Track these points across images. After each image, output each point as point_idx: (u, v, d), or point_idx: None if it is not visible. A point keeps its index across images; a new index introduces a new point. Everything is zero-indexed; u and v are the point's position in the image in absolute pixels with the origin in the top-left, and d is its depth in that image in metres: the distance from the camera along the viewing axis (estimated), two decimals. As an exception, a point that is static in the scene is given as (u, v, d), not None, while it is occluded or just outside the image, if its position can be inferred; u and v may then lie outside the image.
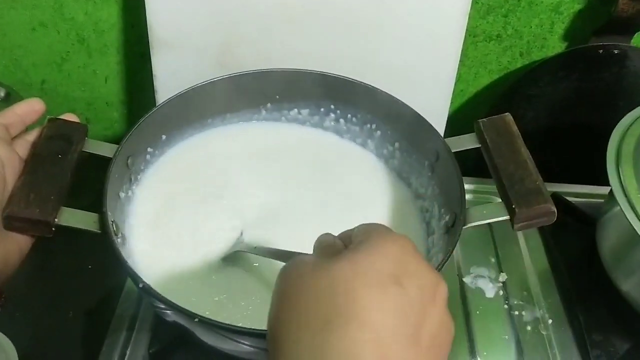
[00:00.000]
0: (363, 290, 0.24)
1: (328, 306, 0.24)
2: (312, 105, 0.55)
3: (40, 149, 0.42)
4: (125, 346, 0.49)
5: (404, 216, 0.50)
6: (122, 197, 0.46)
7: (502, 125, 0.46)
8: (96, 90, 0.70)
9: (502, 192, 0.43)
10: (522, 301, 0.53)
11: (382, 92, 0.51)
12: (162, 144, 0.51)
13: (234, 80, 0.52)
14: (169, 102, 0.49)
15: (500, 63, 0.65)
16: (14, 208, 0.38)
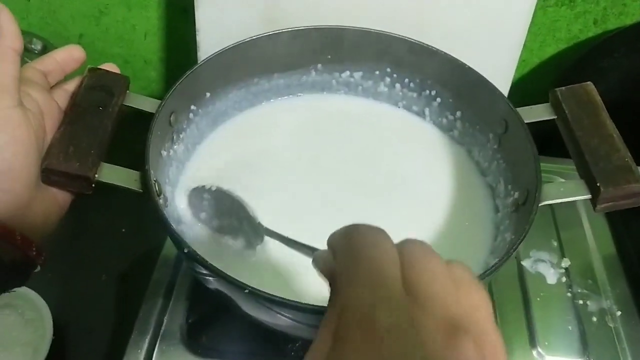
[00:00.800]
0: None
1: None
2: (366, 67, 0.51)
3: (80, 100, 0.39)
4: (162, 313, 0.46)
5: (469, 193, 0.46)
6: (164, 155, 0.43)
7: (583, 95, 0.42)
8: (134, 47, 0.67)
9: (583, 169, 0.39)
10: (586, 290, 0.48)
11: (445, 54, 0.47)
12: (206, 102, 0.48)
13: (282, 37, 0.48)
14: (213, 58, 0.46)
15: (571, 31, 0.59)
16: (52, 161, 0.35)
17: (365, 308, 0.20)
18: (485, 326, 0.21)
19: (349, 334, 0.19)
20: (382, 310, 0.19)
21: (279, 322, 0.36)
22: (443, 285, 0.21)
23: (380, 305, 0.20)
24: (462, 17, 0.52)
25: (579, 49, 0.60)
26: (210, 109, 0.48)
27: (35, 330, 0.49)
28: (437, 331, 0.20)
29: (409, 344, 0.19)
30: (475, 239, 0.43)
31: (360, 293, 0.20)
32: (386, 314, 0.19)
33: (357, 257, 0.21)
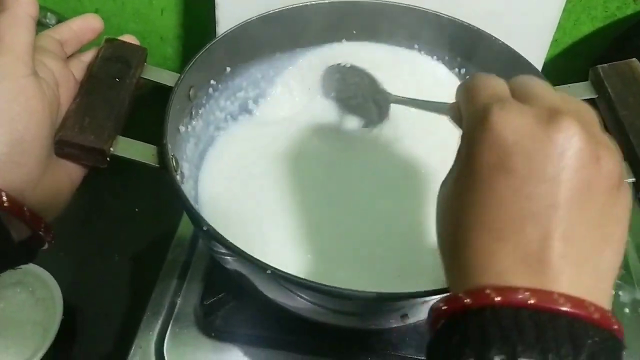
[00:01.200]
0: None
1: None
2: (392, 43, 0.49)
3: (97, 71, 0.38)
4: (175, 295, 0.45)
5: None
6: (182, 131, 0.41)
7: (628, 72, 0.39)
8: (151, 23, 0.65)
9: (627, 150, 0.36)
10: (619, 280, 0.46)
11: (478, 29, 0.45)
12: (226, 77, 0.46)
13: (305, 10, 0.46)
14: (233, 30, 0.44)
15: (607, 9, 0.56)
16: (67, 132, 0.34)
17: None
18: (592, 121, 0.24)
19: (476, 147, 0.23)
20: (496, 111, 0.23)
21: (300, 305, 0.34)
22: (550, 91, 0.25)
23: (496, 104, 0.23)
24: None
25: (616, 27, 0.57)
26: (230, 84, 0.47)
27: (45, 309, 0.48)
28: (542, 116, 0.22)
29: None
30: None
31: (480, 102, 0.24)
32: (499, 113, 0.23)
33: (473, 89, 0.26)
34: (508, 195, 0.22)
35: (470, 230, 0.22)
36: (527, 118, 0.22)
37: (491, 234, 0.22)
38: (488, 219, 0.22)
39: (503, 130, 0.22)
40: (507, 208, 0.22)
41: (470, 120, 0.24)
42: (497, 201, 0.22)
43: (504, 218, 0.22)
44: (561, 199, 0.21)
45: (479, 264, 0.22)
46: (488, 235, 0.22)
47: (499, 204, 0.22)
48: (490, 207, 0.22)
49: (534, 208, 0.21)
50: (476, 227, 0.22)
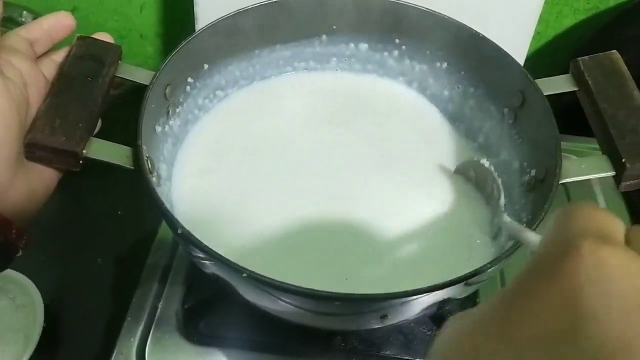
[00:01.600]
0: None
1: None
2: (373, 39, 0.48)
3: (68, 70, 0.37)
4: (157, 299, 0.44)
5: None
6: (158, 131, 0.40)
7: (608, 65, 0.39)
8: (130, 21, 0.64)
9: (607, 143, 0.36)
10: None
11: (457, 21, 0.44)
12: (203, 75, 0.45)
13: (284, 5, 0.45)
14: (211, 27, 0.43)
15: (590, 1, 0.56)
16: (37, 134, 0.33)
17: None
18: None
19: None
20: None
21: (280, 307, 0.34)
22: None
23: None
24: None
25: (598, 19, 0.57)
26: (208, 82, 0.46)
27: (26, 316, 0.47)
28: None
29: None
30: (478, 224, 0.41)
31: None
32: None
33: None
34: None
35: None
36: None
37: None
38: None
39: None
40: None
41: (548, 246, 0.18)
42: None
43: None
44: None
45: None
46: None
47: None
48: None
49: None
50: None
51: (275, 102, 0.48)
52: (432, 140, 0.47)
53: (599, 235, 0.17)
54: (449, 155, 0.46)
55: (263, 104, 0.48)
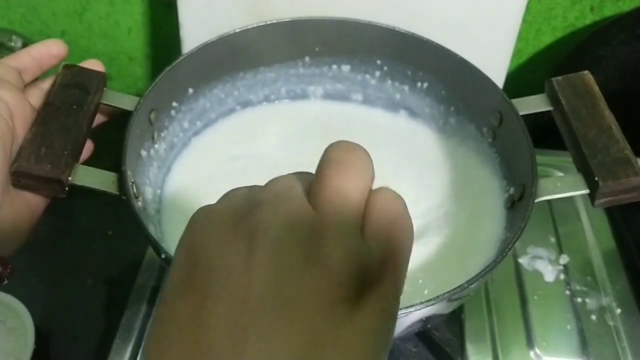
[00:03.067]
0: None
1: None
2: (355, 60, 0.49)
3: (54, 98, 0.37)
4: (145, 320, 0.45)
5: (474, 188, 0.44)
6: (143, 156, 0.41)
7: (580, 85, 0.40)
8: (119, 44, 0.65)
9: (580, 162, 0.37)
10: (585, 287, 0.47)
11: (436, 44, 0.45)
12: (188, 99, 0.46)
13: (268, 29, 0.46)
14: (195, 52, 0.44)
15: (567, 19, 0.57)
16: (22, 163, 0.34)
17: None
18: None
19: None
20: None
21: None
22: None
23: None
24: (455, 8, 0.51)
25: (575, 37, 0.58)
26: (193, 106, 0.47)
27: (17, 339, 0.47)
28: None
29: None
30: (485, 236, 0.41)
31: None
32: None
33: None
34: (183, 324, 0.17)
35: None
36: (224, 213, 0.19)
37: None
38: (163, 358, 0.17)
39: (194, 231, 0.19)
40: (181, 342, 0.17)
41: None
42: (172, 332, 0.17)
43: (176, 357, 0.17)
44: (247, 324, 0.16)
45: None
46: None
47: (173, 336, 0.17)
48: (165, 341, 0.17)
49: (209, 340, 0.16)
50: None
51: (259, 129, 0.49)
52: (420, 154, 0.48)
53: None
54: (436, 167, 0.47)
55: (247, 130, 0.49)
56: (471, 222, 0.42)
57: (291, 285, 0.17)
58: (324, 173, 0.19)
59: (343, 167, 0.19)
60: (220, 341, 0.16)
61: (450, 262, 0.40)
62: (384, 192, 0.20)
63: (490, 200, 0.43)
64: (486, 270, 0.33)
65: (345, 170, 0.19)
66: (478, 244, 0.41)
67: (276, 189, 0.19)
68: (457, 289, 0.32)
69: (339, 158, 0.20)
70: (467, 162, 0.46)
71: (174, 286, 0.18)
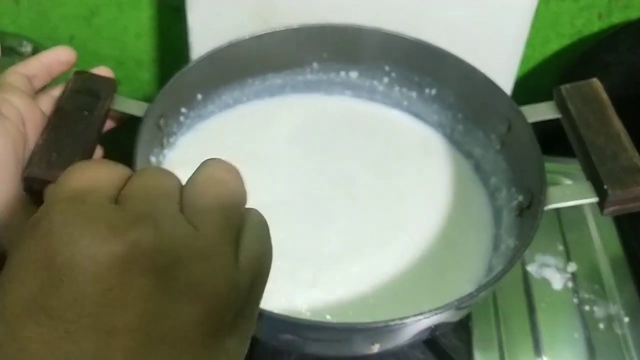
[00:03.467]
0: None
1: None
2: (363, 66, 0.50)
3: (64, 104, 0.38)
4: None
5: (467, 200, 0.44)
6: (153, 161, 0.41)
7: (589, 92, 0.40)
8: (127, 48, 0.65)
9: (589, 170, 0.37)
10: (593, 295, 0.47)
11: (445, 51, 0.45)
12: (197, 105, 0.46)
13: (276, 35, 0.47)
14: (204, 58, 0.44)
15: (574, 26, 0.58)
16: (34, 169, 0.34)
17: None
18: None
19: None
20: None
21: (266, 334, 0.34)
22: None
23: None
24: (463, 14, 0.51)
25: (583, 44, 0.58)
26: (202, 112, 0.47)
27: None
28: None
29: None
30: (474, 247, 0.41)
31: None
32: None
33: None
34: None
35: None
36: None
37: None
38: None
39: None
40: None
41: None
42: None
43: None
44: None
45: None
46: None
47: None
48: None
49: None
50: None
51: (266, 125, 0.49)
52: (427, 158, 0.48)
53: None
54: (444, 172, 0.47)
55: (253, 126, 0.49)
56: (467, 233, 0.43)
57: (174, 319, 0.16)
58: (208, 191, 0.19)
59: (226, 188, 0.19)
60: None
61: (439, 268, 0.40)
62: (251, 217, 0.20)
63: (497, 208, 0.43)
64: (495, 278, 0.33)
65: (228, 193, 0.19)
66: (472, 251, 0.41)
67: (152, 198, 0.18)
68: (466, 297, 0.32)
69: (221, 177, 0.19)
70: (469, 174, 0.47)
71: (23, 302, 0.15)
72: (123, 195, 0.18)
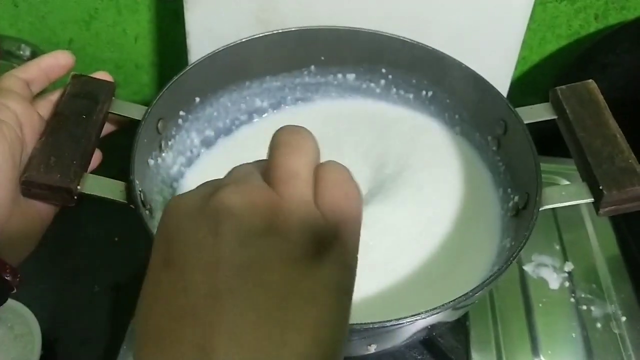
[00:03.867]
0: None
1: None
2: (360, 69, 0.50)
3: (63, 108, 0.38)
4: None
5: (477, 195, 0.44)
6: (151, 164, 0.41)
7: (585, 94, 0.40)
8: (125, 51, 0.66)
9: (585, 171, 0.37)
10: (590, 294, 0.47)
11: (440, 52, 0.46)
12: (195, 108, 0.46)
13: (274, 39, 0.47)
14: (202, 61, 0.45)
15: (571, 27, 0.58)
16: (32, 173, 0.34)
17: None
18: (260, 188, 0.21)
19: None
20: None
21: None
22: (242, 168, 0.23)
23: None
24: (460, 16, 0.51)
25: (580, 45, 0.58)
26: (200, 115, 0.47)
27: (24, 345, 0.48)
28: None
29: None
30: (483, 242, 0.41)
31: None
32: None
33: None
34: (167, 293, 0.19)
35: (140, 338, 0.19)
36: (193, 199, 0.20)
37: (153, 343, 0.18)
38: (151, 324, 0.19)
39: (169, 217, 0.20)
40: (167, 308, 0.18)
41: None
42: (158, 302, 0.19)
43: (163, 321, 0.18)
44: (221, 285, 0.18)
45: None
46: (151, 346, 0.19)
47: (159, 304, 0.19)
48: (152, 309, 0.19)
49: (191, 302, 0.18)
50: (143, 335, 0.19)
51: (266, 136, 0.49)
52: (435, 153, 0.48)
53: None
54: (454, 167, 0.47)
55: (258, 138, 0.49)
56: (468, 229, 0.42)
57: (254, 250, 0.19)
58: (274, 155, 0.22)
59: (290, 148, 0.22)
60: (201, 303, 0.18)
61: (444, 267, 0.40)
62: (329, 165, 0.22)
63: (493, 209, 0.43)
64: (491, 278, 0.34)
65: (292, 151, 0.21)
66: (472, 252, 0.41)
67: (236, 175, 0.22)
68: (461, 297, 0.32)
69: (286, 140, 0.22)
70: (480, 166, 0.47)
71: (156, 263, 0.20)
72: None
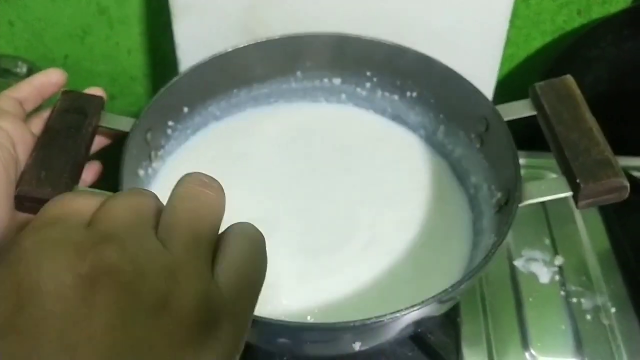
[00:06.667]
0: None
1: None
2: (346, 73, 0.51)
3: (53, 123, 0.39)
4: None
5: (446, 202, 0.46)
6: (141, 175, 0.43)
7: (562, 89, 0.41)
8: (119, 64, 0.67)
9: (563, 164, 0.38)
10: (580, 287, 0.47)
11: (424, 55, 0.46)
12: (184, 118, 0.47)
13: (260, 47, 0.48)
14: (189, 72, 0.46)
15: (555, 23, 0.58)
16: (24, 187, 0.35)
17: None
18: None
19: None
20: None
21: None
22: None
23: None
24: (442, 16, 0.52)
25: (565, 40, 0.59)
26: (189, 124, 0.48)
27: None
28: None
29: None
30: (453, 248, 0.42)
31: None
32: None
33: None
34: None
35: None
36: (66, 240, 0.18)
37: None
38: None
39: (25, 251, 0.18)
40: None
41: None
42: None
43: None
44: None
45: None
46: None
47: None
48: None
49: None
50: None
51: (252, 135, 0.50)
52: (408, 162, 0.49)
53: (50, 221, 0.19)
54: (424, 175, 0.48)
55: (239, 135, 0.50)
56: (446, 234, 0.44)
57: (138, 331, 0.16)
58: (177, 208, 0.19)
59: (196, 203, 0.19)
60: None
61: (424, 264, 0.41)
62: (236, 230, 0.20)
63: (479, 206, 0.44)
64: (472, 272, 0.34)
65: (199, 207, 0.19)
66: (451, 252, 0.42)
67: (122, 218, 0.19)
68: (442, 293, 0.33)
69: (193, 193, 0.20)
70: (448, 176, 0.48)
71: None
72: (94, 217, 0.19)
